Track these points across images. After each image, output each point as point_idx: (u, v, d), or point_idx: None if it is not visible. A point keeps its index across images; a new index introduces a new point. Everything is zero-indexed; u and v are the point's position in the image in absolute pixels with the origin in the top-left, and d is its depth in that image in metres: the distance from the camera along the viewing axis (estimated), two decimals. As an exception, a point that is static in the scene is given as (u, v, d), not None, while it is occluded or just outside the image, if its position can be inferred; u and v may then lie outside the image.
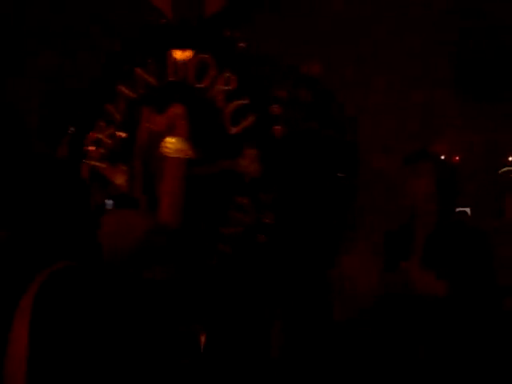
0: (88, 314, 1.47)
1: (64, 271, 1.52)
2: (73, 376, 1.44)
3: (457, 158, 4.13)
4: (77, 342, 1.45)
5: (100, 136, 2.64)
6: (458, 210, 3.38)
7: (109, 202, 2.44)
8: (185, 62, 2.63)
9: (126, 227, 2.05)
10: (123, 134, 2.52)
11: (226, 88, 2.53)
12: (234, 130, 2.49)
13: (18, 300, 1.48)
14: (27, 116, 4.81)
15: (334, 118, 2.66)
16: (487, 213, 3.98)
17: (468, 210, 4.06)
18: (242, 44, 2.56)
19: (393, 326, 2.51)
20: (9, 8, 5.04)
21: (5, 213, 1.61)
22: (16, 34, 5.07)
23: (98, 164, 2.61)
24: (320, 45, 4.31)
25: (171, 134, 2.52)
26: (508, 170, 3.73)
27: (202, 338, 2.17)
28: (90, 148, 2.63)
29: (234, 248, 2.44)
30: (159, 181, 2.52)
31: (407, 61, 4.55)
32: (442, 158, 3.40)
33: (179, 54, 2.64)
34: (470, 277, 2.50)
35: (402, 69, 4.54)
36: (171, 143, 2.50)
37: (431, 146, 3.84)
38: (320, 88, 2.67)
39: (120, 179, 2.55)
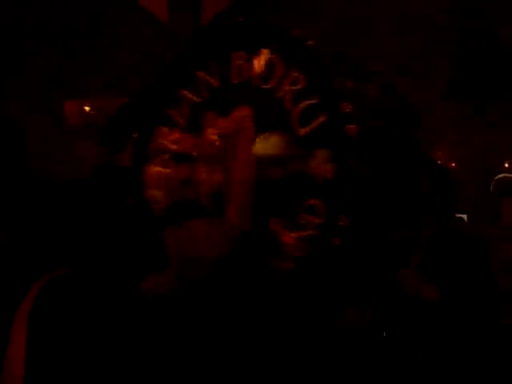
0: (85, 320, 1.48)
1: (64, 278, 1.52)
2: (70, 378, 1.45)
3: (453, 164, 4.13)
4: (74, 347, 1.45)
5: (163, 141, 2.60)
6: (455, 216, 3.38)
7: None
8: (249, 63, 2.60)
9: (200, 241, 2.05)
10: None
11: (294, 88, 2.48)
12: (303, 131, 2.43)
13: (17, 304, 1.49)
14: (27, 116, 4.82)
15: (404, 116, 2.62)
16: (484, 218, 3.98)
17: (465, 216, 4.07)
18: (310, 42, 2.52)
19: (392, 330, 2.51)
20: (9, 8, 5.04)
21: (6, 217, 1.61)
22: (16, 34, 5.07)
23: (161, 170, 2.57)
24: (321, 45, 4.31)
25: (237, 136, 2.50)
26: (504, 176, 3.73)
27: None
28: (154, 153, 2.61)
29: (306, 251, 2.39)
30: (227, 184, 2.49)
31: (407, 61, 4.56)
32: (439, 163, 3.40)
33: (243, 55, 2.62)
34: (468, 283, 2.51)
35: (402, 69, 4.54)
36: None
37: (429, 150, 3.85)
38: (389, 85, 2.64)
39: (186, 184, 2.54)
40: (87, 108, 5.06)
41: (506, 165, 4.15)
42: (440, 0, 4.66)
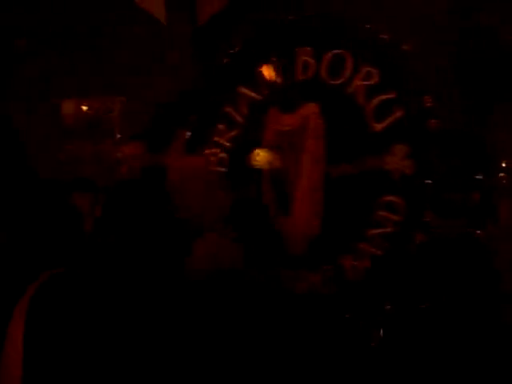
0: (83, 318, 1.48)
1: (61, 276, 1.52)
2: (67, 377, 1.45)
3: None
4: (72, 345, 1.45)
5: (220, 140, 2.54)
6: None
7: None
8: (316, 59, 2.52)
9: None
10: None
11: (367, 83, 2.40)
12: (378, 127, 2.36)
13: (15, 302, 1.49)
14: (27, 116, 4.81)
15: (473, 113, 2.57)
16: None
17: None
18: (383, 36, 2.45)
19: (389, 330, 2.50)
20: (8, 8, 5.04)
21: (6, 217, 1.61)
22: (16, 33, 5.07)
23: (218, 169, 2.51)
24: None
25: (304, 134, 2.43)
26: (501, 176, 3.71)
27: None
28: (209, 153, 2.53)
29: (384, 249, 2.33)
30: (291, 184, 2.42)
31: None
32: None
33: (309, 51, 2.54)
34: (468, 284, 2.50)
35: (401, 69, 4.53)
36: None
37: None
38: None
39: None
40: (84, 107, 5.05)
41: (504, 164, 4.13)
42: (440, 0, 4.65)
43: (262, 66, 2.44)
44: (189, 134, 2.41)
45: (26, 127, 4.36)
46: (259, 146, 2.41)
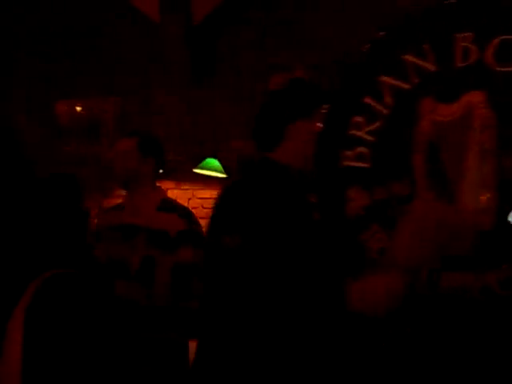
0: (81, 319, 1.48)
1: (60, 277, 1.52)
2: (66, 378, 1.45)
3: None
4: (70, 345, 1.46)
5: (358, 133, 2.34)
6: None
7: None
8: (478, 45, 2.32)
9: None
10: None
11: None
12: None
13: (14, 304, 1.49)
14: (27, 116, 4.81)
15: None
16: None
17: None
18: None
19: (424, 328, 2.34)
20: (8, 8, 5.04)
21: (6, 216, 1.61)
22: (16, 34, 5.07)
23: (357, 165, 2.31)
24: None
25: (469, 124, 2.26)
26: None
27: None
28: (345, 146, 2.31)
29: None
30: (454, 177, 2.22)
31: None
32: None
33: (471, 36, 2.35)
34: None
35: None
36: None
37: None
38: None
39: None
40: (78, 108, 5.05)
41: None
42: (440, 0, 4.63)
43: (411, 54, 2.26)
44: (320, 125, 2.18)
45: (25, 127, 4.37)
46: (411, 138, 2.21)
